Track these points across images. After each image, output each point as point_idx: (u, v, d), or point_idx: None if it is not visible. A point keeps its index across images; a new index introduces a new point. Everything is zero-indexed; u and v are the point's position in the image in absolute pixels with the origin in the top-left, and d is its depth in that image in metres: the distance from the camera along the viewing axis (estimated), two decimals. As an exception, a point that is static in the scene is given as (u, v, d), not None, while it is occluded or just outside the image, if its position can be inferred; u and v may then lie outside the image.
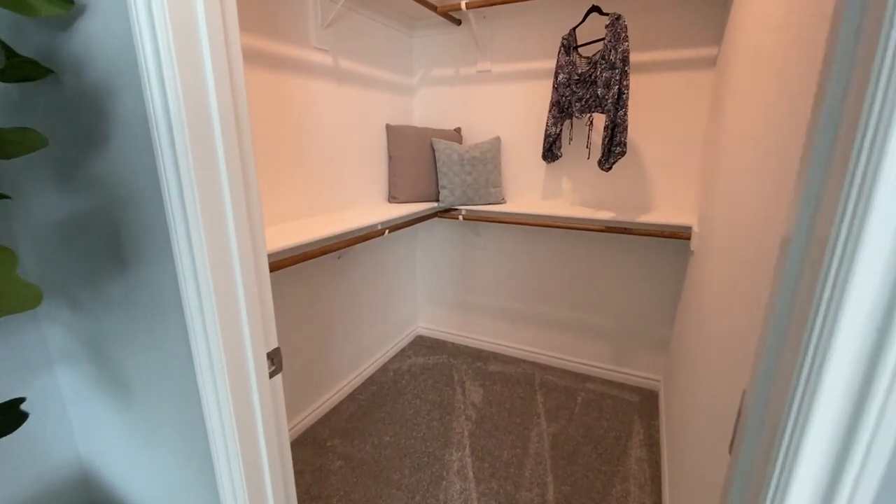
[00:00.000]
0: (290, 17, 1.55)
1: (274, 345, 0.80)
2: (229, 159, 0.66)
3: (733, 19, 1.48)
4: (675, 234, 1.78)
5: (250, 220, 0.72)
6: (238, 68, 0.66)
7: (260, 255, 0.75)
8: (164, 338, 0.77)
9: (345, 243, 1.64)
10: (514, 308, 2.49)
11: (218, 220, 0.67)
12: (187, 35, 0.59)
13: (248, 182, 0.71)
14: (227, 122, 0.65)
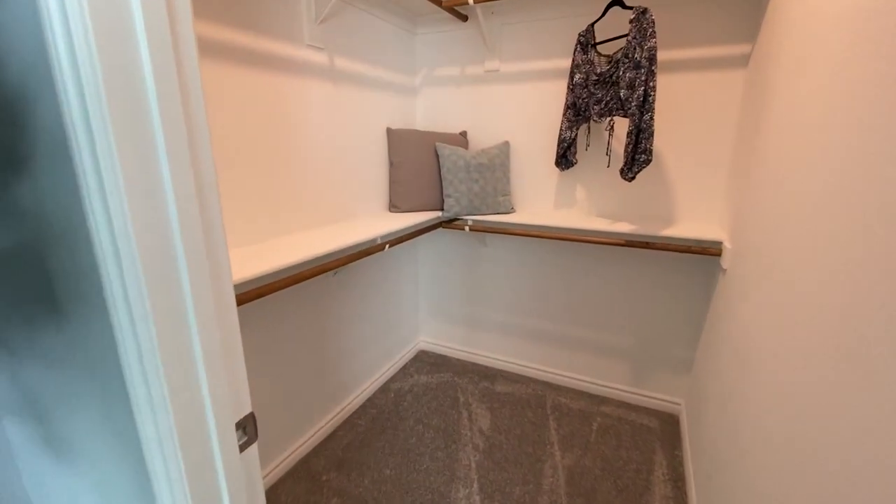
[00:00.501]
0: (280, 11, 1.40)
1: (246, 410, 0.65)
2: (179, 181, 0.51)
3: (776, 15, 1.32)
4: (704, 249, 1.62)
5: (211, 255, 0.57)
6: (191, 66, 0.51)
7: (224, 298, 0.60)
8: (109, 409, 0.62)
9: (341, 261, 1.49)
10: (523, 323, 2.33)
11: (162, 259, 0.52)
12: (113, 23, 0.44)
13: (207, 207, 0.56)
14: (175, 134, 0.50)
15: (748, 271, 1.27)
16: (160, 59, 0.47)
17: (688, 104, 1.71)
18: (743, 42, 1.59)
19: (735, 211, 1.51)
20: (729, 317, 1.42)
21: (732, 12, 1.58)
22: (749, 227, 1.32)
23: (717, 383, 1.46)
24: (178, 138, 0.50)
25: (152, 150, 0.49)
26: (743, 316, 1.26)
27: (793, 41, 1.13)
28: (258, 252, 1.30)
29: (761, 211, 1.22)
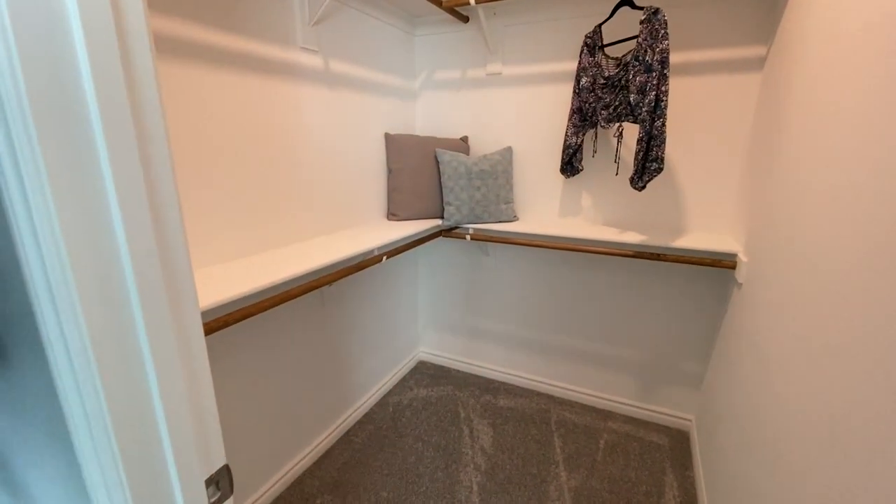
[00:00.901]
0: (272, 12, 1.33)
1: (219, 463, 0.57)
2: (129, 210, 0.43)
3: (795, 16, 1.24)
4: (717, 262, 1.54)
5: (172, 287, 0.49)
6: (145, 68, 0.43)
7: (190, 336, 0.52)
8: (60, 466, 0.54)
9: (336, 275, 1.41)
10: (526, 334, 2.25)
11: (108, 298, 0.44)
12: (39, 21, 0.36)
13: (166, 233, 0.48)
14: (123, 153, 0.42)
15: (767, 288, 1.19)
16: (102, 62, 0.40)
17: (699, 108, 1.63)
18: (758, 44, 1.51)
19: (751, 222, 1.43)
20: (746, 333, 1.34)
21: (746, 13, 1.50)
22: (767, 240, 1.24)
23: (731, 401, 1.38)
24: (126, 158, 0.42)
25: (91, 160, 0.41)
26: (762, 334, 1.18)
27: (817, 45, 1.05)
28: (247, 267, 1.22)
29: (781, 224, 1.14)
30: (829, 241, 0.87)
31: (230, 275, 1.15)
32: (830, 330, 0.81)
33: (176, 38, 1.07)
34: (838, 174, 0.86)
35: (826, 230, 0.89)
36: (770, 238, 1.23)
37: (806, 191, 1.02)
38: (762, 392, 1.13)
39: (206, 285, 1.05)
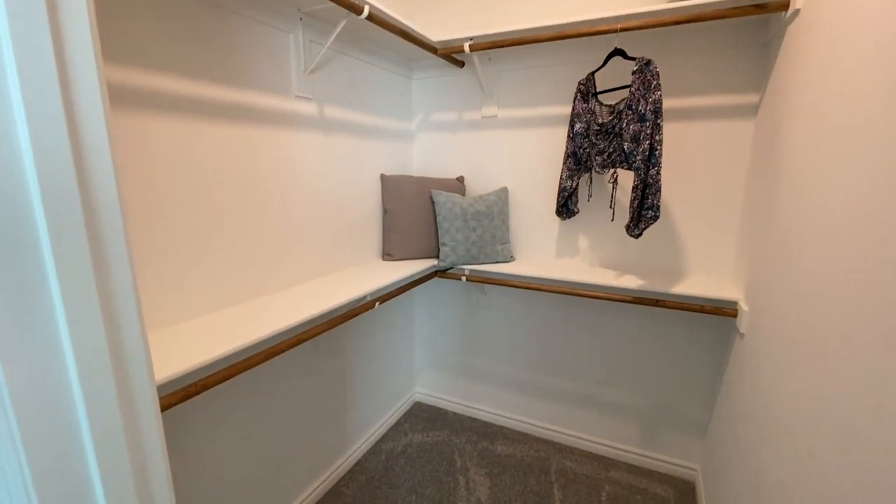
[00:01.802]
0: (267, 63, 1.34)
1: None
2: (76, 322, 0.40)
3: (787, 65, 1.25)
4: (718, 309, 1.50)
5: (124, 384, 0.46)
6: (96, 121, 0.41)
7: (146, 442, 0.48)
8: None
9: (327, 325, 1.37)
10: (525, 377, 2.19)
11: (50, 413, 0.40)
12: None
13: (118, 326, 0.45)
14: (68, 238, 0.40)
15: (770, 343, 1.15)
16: (39, 116, 0.37)
17: (695, 153, 1.63)
18: (751, 92, 1.52)
19: (750, 268, 1.40)
20: (749, 386, 1.29)
21: (738, 61, 1.52)
22: (768, 291, 1.21)
23: (736, 456, 1.32)
24: (72, 243, 0.40)
25: (36, 262, 0.38)
26: (766, 390, 1.13)
27: (810, 92, 1.04)
28: (234, 319, 1.19)
29: (781, 274, 1.11)
30: (829, 297, 0.84)
31: (215, 329, 1.11)
32: (834, 394, 0.77)
33: (165, 94, 1.07)
34: (834, 224, 0.84)
35: (825, 285, 0.85)
36: (770, 288, 1.20)
37: (803, 241, 0.99)
38: (767, 450, 1.07)
39: (187, 344, 1.02)
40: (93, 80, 0.40)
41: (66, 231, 0.39)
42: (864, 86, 0.81)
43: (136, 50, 1.00)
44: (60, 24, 0.38)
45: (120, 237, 0.42)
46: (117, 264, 0.43)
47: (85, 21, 0.39)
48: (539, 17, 1.79)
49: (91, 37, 0.41)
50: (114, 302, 0.43)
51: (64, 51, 0.38)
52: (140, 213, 1.03)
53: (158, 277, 1.09)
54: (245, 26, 1.25)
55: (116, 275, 0.42)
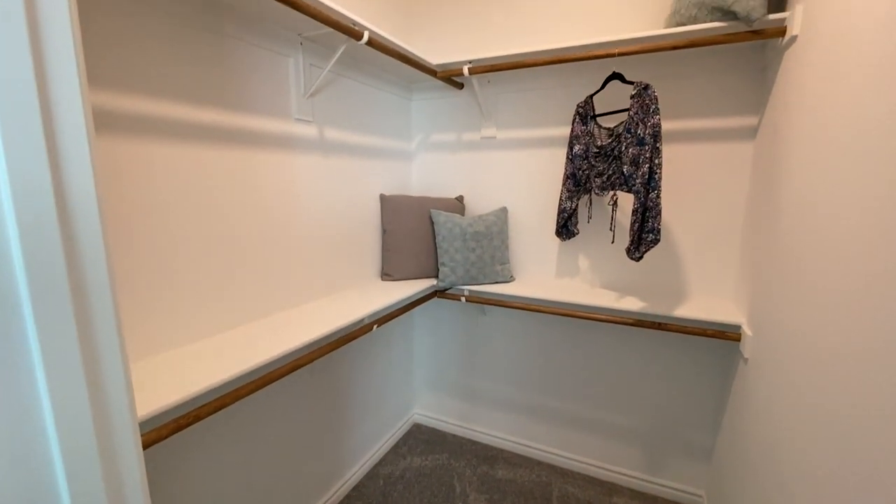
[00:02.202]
0: (266, 87, 1.35)
1: None
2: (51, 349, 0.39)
3: (784, 89, 1.25)
4: (721, 333, 1.48)
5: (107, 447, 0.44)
6: (81, 160, 0.40)
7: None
8: None
9: (325, 349, 1.35)
10: (526, 399, 2.15)
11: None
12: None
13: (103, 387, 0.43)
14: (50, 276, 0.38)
15: (775, 371, 1.12)
16: (19, 154, 0.36)
17: (695, 175, 1.63)
18: (749, 114, 1.52)
19: (753, 291, 1.39)
20: (754, 413, 1.26)
21: (736, 85, 1.53)
22: (771, 315, 1.19)
23: (742, 483, 1.29)
24: (57, 312, 0.38)
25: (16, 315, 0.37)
26: (771, 420, 1.10)
27: (808, 116, 1.04)
28: (230, 344, 1.17)
29: (783, 299, 1.09)
30: (834, 323, 0.82)
31: (209, 355, 1.09)
32: (842, 423, 0.75)
33: (164, 119, 1.07)
34: (837, 250, 0.83)
35: (830, 312, 0.84)
36: (774, 313, 1.18)
37: (806, 267, 0.98)
38: (773, 477, 1.04)
39: (179, 372, 1.00)
40: (79, 122, 0.40)
41: (47, 280, 0.37)
42: (862, 111, 0.81)
43: (137, 75, 1.00)
44: (47, 82, 0.38)
45: (106, 291, 0.41)
46: (103, 330, 0.42)
47: (73, 73, 0.39)
48: (538, 38, 1.82)
49: (79, 77, 0.40)
50: (98, 361, 0.41)
51: (49, 91, 0.38)
52: (131, 237, 1.02)
53: (150, 302, 1.07)
54: (246, 51, 1.26)
55: (101, 335, 0.41)
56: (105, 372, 0.44)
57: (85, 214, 0.40)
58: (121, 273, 0.99)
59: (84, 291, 0.40)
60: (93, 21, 0.91)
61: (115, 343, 0.44)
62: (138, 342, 1.04)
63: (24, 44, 0.36)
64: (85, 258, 0.40)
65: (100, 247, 0.40)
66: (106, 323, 0.43)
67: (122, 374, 0.45)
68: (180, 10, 1.08)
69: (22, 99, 0.35)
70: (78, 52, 0.42)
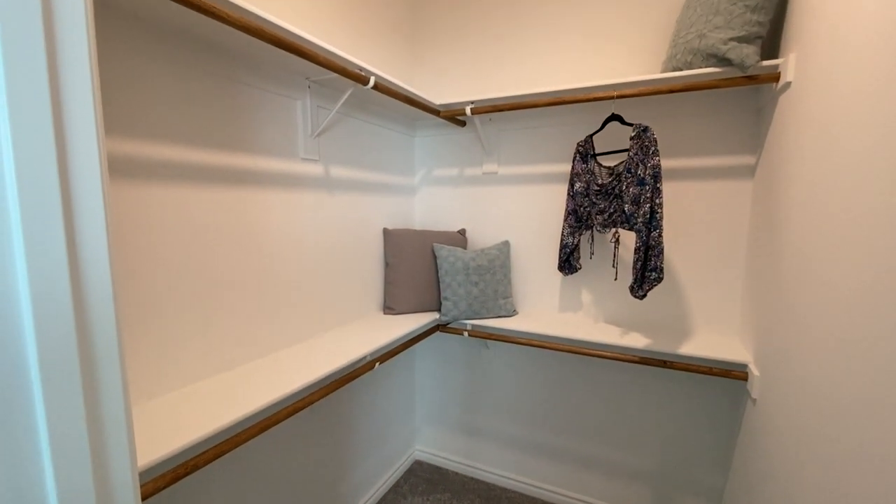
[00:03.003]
0: (276, 130, 1.38)
1: None
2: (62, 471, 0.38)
3: (782, 131, 1.28)
4: (727, 372, 1.46)
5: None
6: (96, 229, 0.41)
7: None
8: None
9: (326, 390, 1.33)
10: (529, 436, 2.10)
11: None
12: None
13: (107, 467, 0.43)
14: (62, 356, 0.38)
15: (784, 415, 1.10)
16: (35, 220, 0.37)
17: (696, 212, 1.65)
18: (747, 153, 1.55)
19: (758, 331, 1.37)
20: (764, 455, 1.22)
21: (732, 124, 1.56)
22: (779, 356, 1.17)
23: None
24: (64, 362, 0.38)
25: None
26: (782, 466, 1.07)
27: (805, 160, 1.06)
28: (229, 386, 1.15)
29: (791, 340, 1.08)
30: (835, 369, 0.81)
31: (209, 398, 1.08)
32: (857, 466, 0.72)
33: (169, 162, 1.09)
34: (839, 296, 0.82)
35: (838, 352, 0.83)
36: (779, 354, 1.16)
37: (810, 309, 0.98)
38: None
39: (177, 417, 0.98)
40: (94, 170, 0.41)
41: (57, 346, 0.38)
42: (857, 157, 0.82)
43: (143, 120, 1.03)
44: (67, 155, 0.39)
45: (115, 358, 0.41)
46: (110, 398, 0.41)
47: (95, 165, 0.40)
48: (538, 75, 1.87)
49: (99, 162, 0.42)
50: (104, 435, 0.41)
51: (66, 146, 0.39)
52: (131, 277, 1.03)
53: (147, 343, 1.07)
54: (256, 96, 1.30)
55: (108, 404, 0.41)
56: (109, 444, 0.43)
57: (97, 278, 0.41)
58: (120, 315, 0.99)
59: (93, 357, 0.41)
60: (102, 69, 0.94)
61: (121, 414, 0.44)
62: (132, 385, 1.03)
63: (45, 103, 0.37)
64: (95, 326, 0.41)
65: (111, 319, 0.41)
66: (113, 391, 0.43)
67: (127, 446, 0.45)
68: (190, 57, 1.11)
69: (40, 161, 0.36)
70: (98, 122, 0.44)
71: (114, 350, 0.42)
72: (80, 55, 0.42)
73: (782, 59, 1.28)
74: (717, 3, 1.35)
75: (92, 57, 0.45)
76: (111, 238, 0.43)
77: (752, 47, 1.29)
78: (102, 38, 0.93)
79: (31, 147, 0.36)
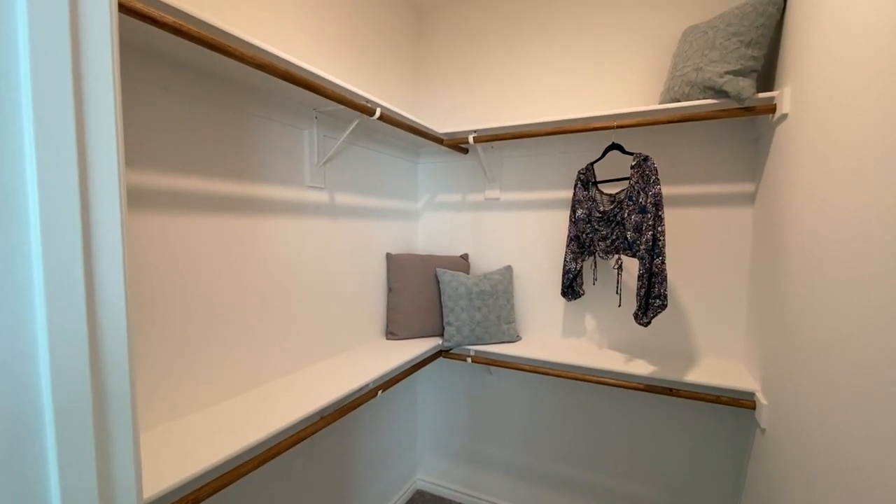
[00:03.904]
0: (282, 157, 1.41)
1: None
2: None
3: (780, 161, 1.30)
4: (735, 401, 1.44)
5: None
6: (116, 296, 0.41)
7: None
8: None
9: (325, 422, 1.31)
10: (534, 466, 2.06)
11: None
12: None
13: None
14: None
15: (796, 447, 1.08)
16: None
17: (698, 239, 1.66)
18: (746, 181, 1.57)
19: (764, 359, 1.36)
20: (776, 488, 1.19)
21: (730, 153, 1.59)
22: (786, 385, 1.16)
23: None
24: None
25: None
26: (795, 494, 1.05)
27: (804, 188, 1.07)
28: (229, 416, 1.14)
29: (798, 370, 1.07)
30: (844, 399, 0.80)
31: (208, 430, 1.06)
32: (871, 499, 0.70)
33: (177, 192, 1.11)
34: (845, 333, 0.82)
35: (838, 387, 0.82)
36: (787, 383, 1.15)
37: (815, 342, 0.97)
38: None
39: (177, 449, 0.97)
40: (115, 223, 0.42)
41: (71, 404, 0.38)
42: (855, 185, 0.84)
43: (154, 151, 1.05)
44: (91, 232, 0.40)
45: (127, 413, 0.42)
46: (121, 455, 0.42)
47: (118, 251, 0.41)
48: (539, 105, 1.92)
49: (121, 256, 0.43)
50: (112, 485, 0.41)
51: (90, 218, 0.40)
52: (136, 307, 1.03)
53: (147, 372, 1.06)
54: (263, 125, 1.34)
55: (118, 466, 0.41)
56: (116, 479, 0.43)
57: (112, 312, 0.41)
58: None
59: (104, 395, 0.41)
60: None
61: (129, 449, 0.44)
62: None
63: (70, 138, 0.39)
64: (109, 361, 0.41)
65: (124, 354, 0.41)
66: (123, 428, 0.43)
67: (134, 483, 0.44)
68: (201, 90, 1.14)
69: (64, 207, 0.37)
70: (120, 157, 0.46)
71: (125, 388, 0.43)
72: (105, 92, 0.44)
73: (778, 91, 1.31)
74: (712, 38, 1.39)
75: (116, 96, 0.48)
76: (127, 273, 0.44)
77: (747, 80, 1.33)
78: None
79: (54, 177, 0.37)
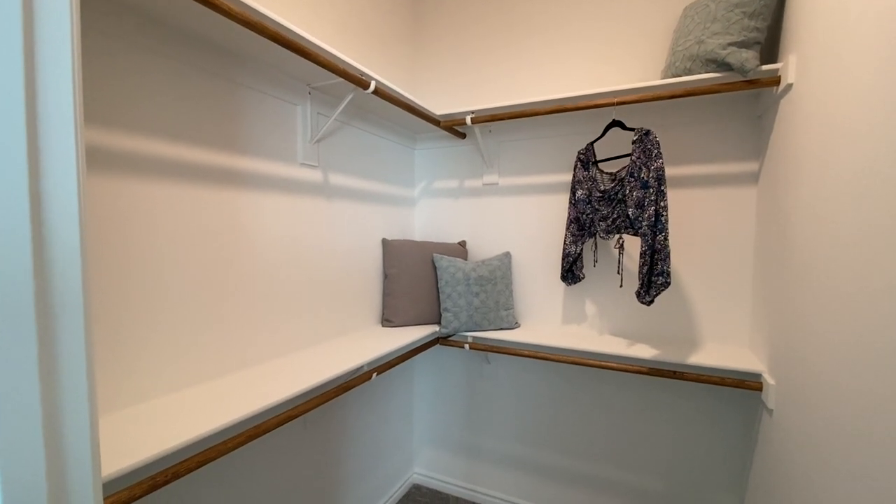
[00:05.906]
0: (274, 134, 1.37)
1: None
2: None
3: (785, 136, 1.27)
4: (741, 382, 1.40)
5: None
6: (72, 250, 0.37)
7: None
8: None
9: (320, 399, 1.26)
10: (533, 456, 2.00)
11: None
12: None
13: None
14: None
15: (804, 422, 1.04)
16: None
17: (701, 219, 1.62)
18: (750, 160, 1.54)
19: (771, 340, 1.32)
20: (784, 471, 1.15)
21: (733, 131, 1.56)
22: (795, 364, 1.12)
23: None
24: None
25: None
26: (803, 475, 1.00)
27: (809, 164, 1.04)
28: (216, 394, 1.09)
29: (806, 348, 1.03)
30: (855, 374, 0.76)
31: (193, 406, 1.01)
32: (885, 478, 0.66)
33: (161, 158, 1.07)
34: (850, 304, 0.78)
35: (848, 363, 0.78)
36: (795, 361, 1.11)
37: (822, 317, 0.93)
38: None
39: (158, 424, 0.92)
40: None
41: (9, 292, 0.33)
42: (861, 155, 0.80)
43: (135, 112, 1.00)
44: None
45: (79, 316, 0.37)
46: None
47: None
48: (539, 84, 1.89)
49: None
50: (59, 409, 0.37)
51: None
52: (113, 279, 0.99)
53: (130, 346, 1.01)
54: (255, 98, 1.30)
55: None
56: (67, 423, 0.38)
57: (68, 276, 0.37)
58: (97, 313, 0.95)
59: (51, 313, 0.36)
60: (93, 55, 0.93)
61: (84, 418, 0.39)
62: (113, 391, 0.97)
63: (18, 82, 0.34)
64: (57, 273, 0.37)
65: (77, 262, 0.37)
66: (77, 392, 0.38)
67: (88, 428, 0.40)
68: (188, 53, 1.10)
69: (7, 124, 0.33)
70: (77, 110, 0.42)
71: (80, 355, 0.38)
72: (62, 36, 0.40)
73: (782, 62, 1.28)
74: (714, 10, 1.37)
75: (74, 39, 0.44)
76: (85, 233, 0.39)
77: (750, 52, 1.30)
78: (97, 30, 0.92)
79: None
